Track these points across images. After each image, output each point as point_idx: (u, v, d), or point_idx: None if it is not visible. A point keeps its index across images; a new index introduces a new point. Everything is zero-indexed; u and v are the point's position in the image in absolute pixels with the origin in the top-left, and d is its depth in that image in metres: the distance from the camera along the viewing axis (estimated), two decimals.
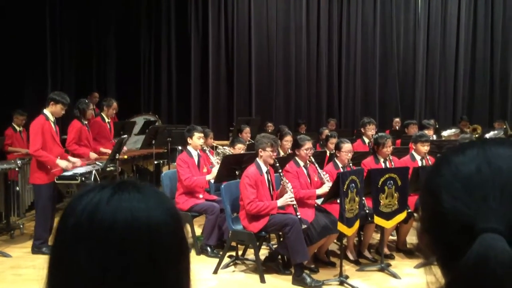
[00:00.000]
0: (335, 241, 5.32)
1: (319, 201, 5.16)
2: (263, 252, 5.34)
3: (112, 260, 0.77)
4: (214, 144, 7.52)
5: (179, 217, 0.86)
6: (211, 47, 11.46)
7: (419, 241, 0.79)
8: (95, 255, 0.77)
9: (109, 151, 6.48)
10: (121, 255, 0.77)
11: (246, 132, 8.17)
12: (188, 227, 5.61)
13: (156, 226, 0.80)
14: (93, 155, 6.46)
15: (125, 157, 7.10)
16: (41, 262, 0.83)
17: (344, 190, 4.53)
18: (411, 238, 5.74)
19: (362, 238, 5.53)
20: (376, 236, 5.70)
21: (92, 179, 5.44)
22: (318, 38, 12.01)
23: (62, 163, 5.44)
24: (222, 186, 5.11)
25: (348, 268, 5.04)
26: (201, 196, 5.67)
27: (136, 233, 0.78)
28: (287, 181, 4.85)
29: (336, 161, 5.46)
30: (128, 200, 0.81)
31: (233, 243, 5.14)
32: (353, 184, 4.64)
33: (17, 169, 6.11)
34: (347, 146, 5.39)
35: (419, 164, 5.65)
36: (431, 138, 6.57)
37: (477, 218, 0.68)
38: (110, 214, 0.79)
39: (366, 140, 7.16)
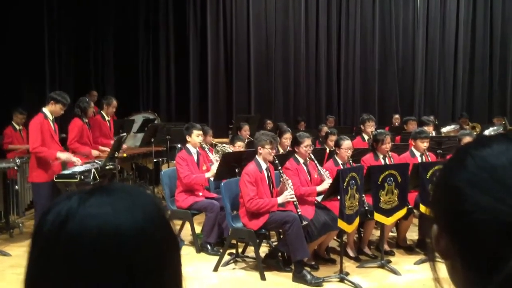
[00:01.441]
0: (335, 238, 5.32)
1: (319, 198, 5.16)
2: (263, 250, 5.34)
3: (83, 276, 0.71)
4: (214, 142, 7.51)
5: (159, 220, 0.77)
6: (210, 44, 11.44)
7: (435, 244, 0.71)
8: (64, 272, 0.71)
9: (108, 149, 6.48)
10: (91, 270, 0.71)
11: (245, 130, 8.16)
12: (187, 225, 5.62)
13: (125, 232, 0.72)
14: (95, 153, 6.47)
15: (124, 155, 7.10)
16: None
17: (344, 187, 4.52)
18: (411, 235, 5.74)
19: (362, 235, 5.53)
20: (376, 233, 5.70)
21: (91, 178, 5.43)
22: (317, 35, 11.99)
23: (62, 155, 5.46)
24: (222, 184, 5.10)
25: (348, 265, 5.04)
26: (200, 194, 5.66)
27: (104, 241, 0.71)
28: (287, 178, 4.84)
29: (336, 158, 5.46)
30: (96, 205, 0.74)
31: (233, 241, 5.14)
32: (353, 181, 4.63)
33: (16, 167, 6.10)
34: (347, 143, 5.38)
35: (419, 160, 5.64)
36: (430, 135, 6.56)
37: None
38: (78, 224, 0.72)
39: (366, 137, 7.14)
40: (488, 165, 0.66)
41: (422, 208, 5.14)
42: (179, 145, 7.56)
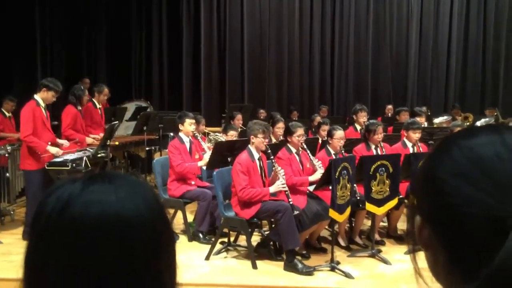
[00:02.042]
0: (326, 227, 5.34)
1: (311, 188, 5.17)
2: (255, 239, 5.35)
3: (85, 263, 0.70)
4: (206, 131, 7.50)
5: (158, 209, 0.78)
6: (203, 33, 11.36)
7: (418, 236, 0.69)
8: (64, 260, 0.70)
9: (99, 137, 6.46)
10: (93, 258, 0.70)
11: (238, 119, 8.15)
12: (179, 213, 5.62)
13: (128, 220, 0.72)
14: (89, 140, 6.44)
15: (117, 143, 7.07)
16: None
17: (336, 177, 4.54)
18: (402, 225, 5.78)
19: (353, 224, 5.56)
20: (367, 223, 5.74)
21: (83, 166, 5.40)
22: (311, 24, 11.94)
23: (52, 149, 5.41)
24: (214, 172, 5.10)
25: (339, 254, 5.08)
26: (193, 182, 5.66)
27: (106, 229, 0.71)
28: (279, 167, 4.85)
29: (328, 148, 5.47)
30: (98, 192, 0.74)
31: (225, 230, 5.16)
32: (345, 171, 4.65)
33: (6, 155, 6.06)
34: (339, 133, 5.39)
35: (411, 151, 5.67)
36: (422, 126, 6.59)
37: (509, 211, 0.59)
38: (79, 210, 0.72)
39: (358, 127, 7.16)
40: (475, 155, 0.63)
41: None
42: (171, 134, 7.54)
